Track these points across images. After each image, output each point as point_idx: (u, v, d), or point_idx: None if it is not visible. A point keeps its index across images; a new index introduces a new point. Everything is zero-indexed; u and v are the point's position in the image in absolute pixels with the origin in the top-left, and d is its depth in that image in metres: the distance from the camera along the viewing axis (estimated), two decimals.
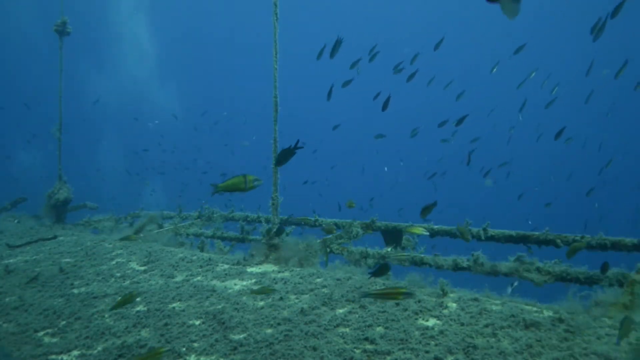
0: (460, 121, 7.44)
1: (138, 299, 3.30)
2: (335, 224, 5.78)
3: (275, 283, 3.52)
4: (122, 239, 4.82)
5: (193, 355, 2.41)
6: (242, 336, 2.60)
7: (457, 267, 4.05)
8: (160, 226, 6.67)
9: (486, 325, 2.53)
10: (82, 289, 3.65)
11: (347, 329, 2.60)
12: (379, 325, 2.62)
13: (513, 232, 4.81)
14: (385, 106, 5.78)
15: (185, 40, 40.74)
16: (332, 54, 5.57)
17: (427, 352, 2.26)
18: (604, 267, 3.36)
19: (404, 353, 2.27)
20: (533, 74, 9.38)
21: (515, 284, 3.93)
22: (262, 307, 3.02)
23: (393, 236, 5.46)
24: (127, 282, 3.79)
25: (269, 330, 2.64)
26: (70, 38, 7.29)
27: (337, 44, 5.44)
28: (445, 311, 2.79)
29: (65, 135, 7.12)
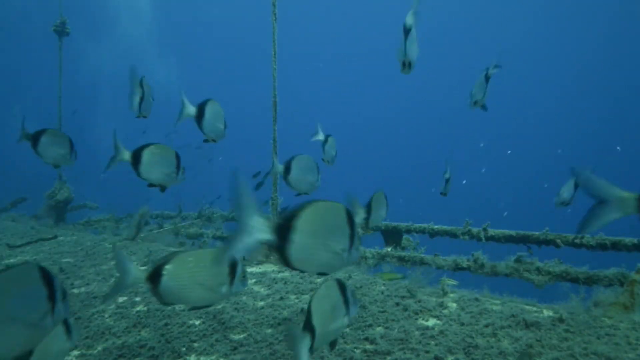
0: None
1: (138, 299, 3.30)
2: None
3: (275, 283, 3.52)
4: (123, 240, 4.82)
5: (193, 355, 2.41)
6: (242, 336, 2.60)
7: (457, 267, 4.05)
8: (160, 226, 6.68)
9: (486, 325, 2.53)
10: (82, 289, 3.65)
11: (347, 329, 2.60)
12: (379, 325, 2.62)
13: (513, 232, 4.81)
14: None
15: (186, 33, 40.50)
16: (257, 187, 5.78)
17: (427, 352, 2.26)
18: None
19: (404, 353, 2.27)
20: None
21: None
22: (262, 307, 3.02)
23: (393, 236, 5.46)
24: None
25: (269, 330, 2.65)
26: (70, 22, 7.28)
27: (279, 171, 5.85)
28: (446, 311, 2.79)
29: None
